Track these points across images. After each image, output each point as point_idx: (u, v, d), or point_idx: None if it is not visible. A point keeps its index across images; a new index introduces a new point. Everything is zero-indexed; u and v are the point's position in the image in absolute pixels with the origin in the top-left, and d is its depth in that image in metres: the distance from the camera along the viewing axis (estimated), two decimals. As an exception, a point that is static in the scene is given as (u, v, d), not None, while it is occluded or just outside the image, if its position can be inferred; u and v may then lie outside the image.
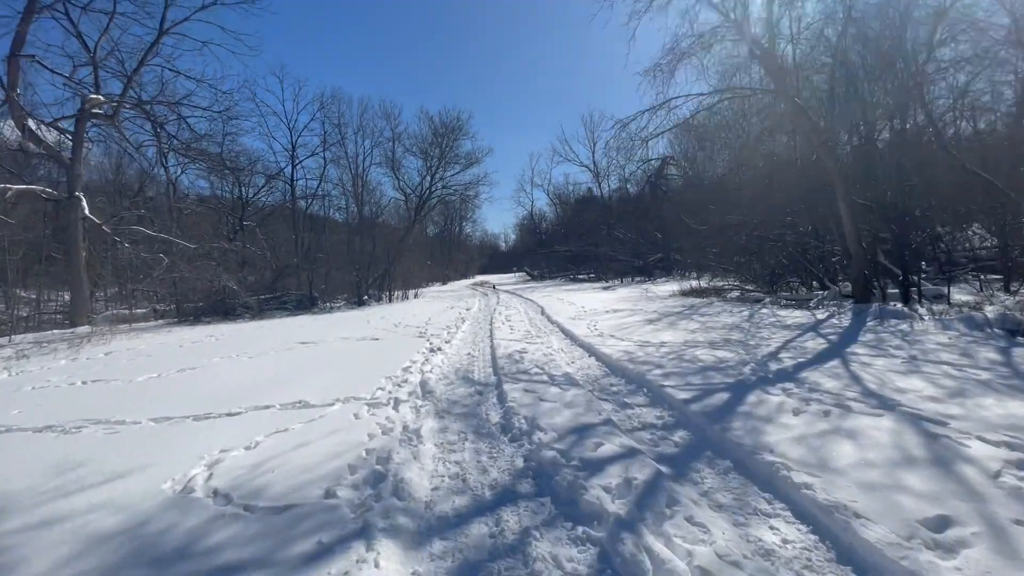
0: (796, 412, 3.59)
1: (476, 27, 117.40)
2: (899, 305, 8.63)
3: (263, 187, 27.30)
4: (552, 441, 3.32)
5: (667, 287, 18.54)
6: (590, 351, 6.86)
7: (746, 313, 9.36)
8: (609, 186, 41.60)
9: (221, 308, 15.62)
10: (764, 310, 9.64)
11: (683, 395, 4.20)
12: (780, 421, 3.46)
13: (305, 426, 3.90)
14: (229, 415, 4.33)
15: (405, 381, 5.32)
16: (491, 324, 10.51)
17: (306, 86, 57.25)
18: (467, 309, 15.15)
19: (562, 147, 60.58)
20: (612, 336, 7.67)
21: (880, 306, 7.99)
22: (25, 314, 18.57)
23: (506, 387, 4.85)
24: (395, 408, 4.35)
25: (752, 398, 4.02)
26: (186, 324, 13.88)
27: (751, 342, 6.42)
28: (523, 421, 3.77)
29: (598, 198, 42.15)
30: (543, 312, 12.90)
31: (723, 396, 4.13)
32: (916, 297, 9.32)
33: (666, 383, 4.61)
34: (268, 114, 34.73)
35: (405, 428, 3.77)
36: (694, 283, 16.04)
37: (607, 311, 11.60)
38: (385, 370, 5.94)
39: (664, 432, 3.58)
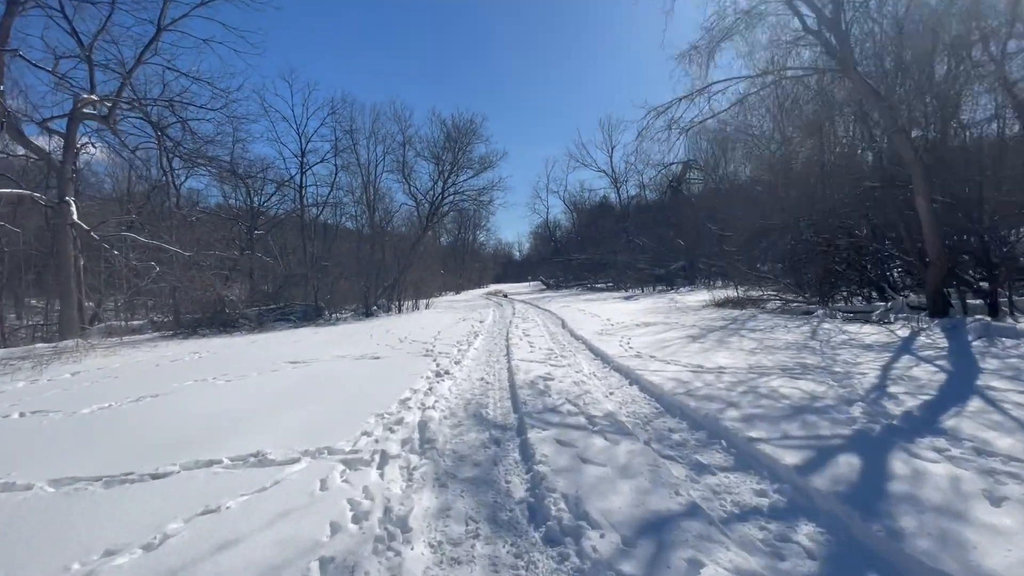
0: (993, 499, 2.30)
1: (490, 28, 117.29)
2: (987, 318, 7.26)
3: (273, 195, 26.59)
4: (615, 553, 2.07)
5: (695, 297, 17.16)
6: (630, 377, 5.59)
7: (806, 329, 8.00)
8: (627, 192, 40.31)
9: (219, 320, 14.64)
10: (826, 325, 8.27)
11: (788, 457, 2.92)
12: (976, 517, 2.17)
13: (248, 501, 2.72)
14: (154, 476, 3.17)
15: (400, 422, 4.11)
16: (507, 340, 9.28)
17: (316, 90, 56.73)
18: (480, 321, 13.95)
19: (579, 151, 59.05)
20: (653, 357, 6.39)
21: (984, 321, 6.60)
22: (32, 323, 18.01)
23: (531, 435, 3.61)
24: (380, 469, 3.15)
25: (898, 465, 2.73)
26: (180, 337, 12.91)
27: (836, 368, 5.10)
28: (562, 503, 2.53)
29: (615, 205, 40.86)
30: (564, 325, 11.63)
31: (849, 460, 2.84)
32: (1008, 309, 7.95)
33: (753, 433, 3.34)
34: (277, 119, 34.37)
35: (387, 512, 2.55)
36: (729, 293, 14.62)
37: (637, 324, 10.31)
38: (377, 403, 4.75)
39: (781, 526, 2.31)
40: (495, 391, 5.36)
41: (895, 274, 11.04)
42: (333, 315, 18.51)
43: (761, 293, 13.60)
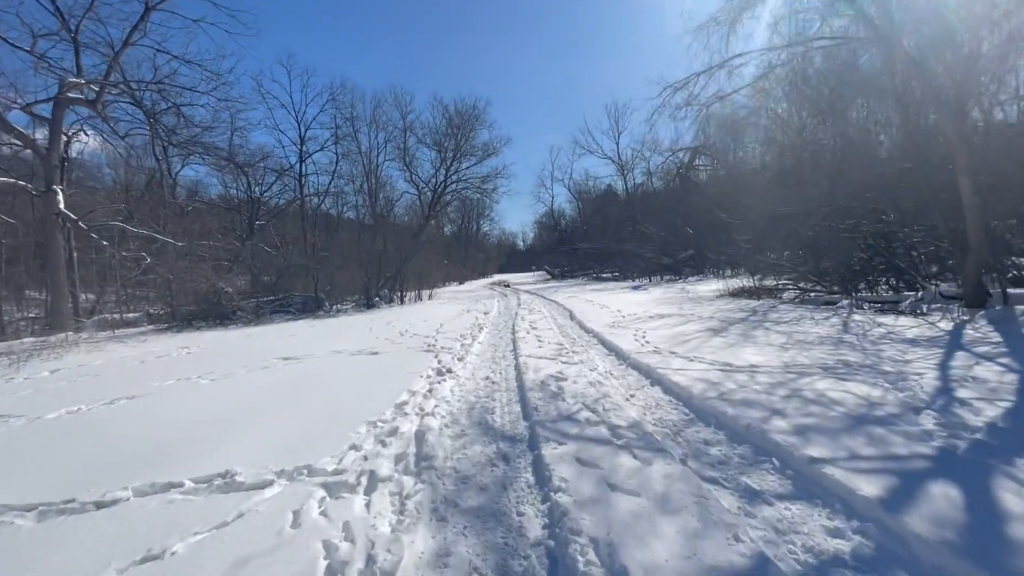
0: None
1: (494, 10, 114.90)
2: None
3: (273, 183, 26.05)
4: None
5: (707, 287, 16.59)
6: (651, 377, 5.05)
7: (835, 320, 7.43)
8: (634, 180, 39.53)
9: (215, 312, 14.19)
10: (856, 316, 7.69)
11: (865, 485, 2.38)
12: None
13: (201, 543, 2.21)
14: (99, 505, 2.67)
15: (394, 432, 3.60)
16: (513, 333, 8.76)
17: (315, 76, 55.45)
18: (484, 313, 13.43)
19: (585, 138, 57.77)
20: (674, 353, 5.84)
21: (1040, 313, 6.00)
22: (31, 315, 17.65)
23: (546, 451, 3.09)
24: (367, 495, 2.64)
25: (1009, 498, 2.18)
26: (174, 331, 12.47)
27: (885, 367, 4.53)
28: (591, 552, 2.00)
29: (622, 193, 40.10)
30: (572, 317, 11.10)
31: (943, 490, 2.29)
32: (1056, 300, 7.36)
33: (812, 452, 2.79)
34: (275, 106, 33.71)
35: (370, 561, 2.03)
36: (743, 282, 14.02)
37: (650, 316, 9.76)
38: (371, 408, 4.24)
39: (877, 587, 1.78)
40: (502, 393, 4.84)
41: (923, 261, 10.41)
42: (334, 307, 18.05)
43: (776, 282, 13.02)
